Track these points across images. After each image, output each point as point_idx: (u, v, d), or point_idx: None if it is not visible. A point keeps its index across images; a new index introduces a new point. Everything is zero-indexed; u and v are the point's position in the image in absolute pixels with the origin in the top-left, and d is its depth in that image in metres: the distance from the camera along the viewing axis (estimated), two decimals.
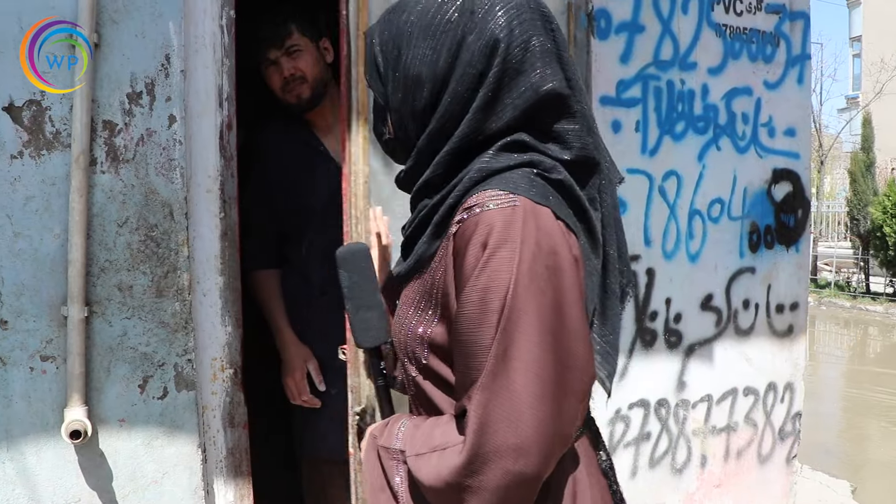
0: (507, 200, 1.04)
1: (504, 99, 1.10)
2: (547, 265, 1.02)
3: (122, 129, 1.80)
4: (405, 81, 1.16)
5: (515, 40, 1.09)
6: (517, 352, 1.00)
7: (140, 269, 1.84)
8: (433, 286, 1.14)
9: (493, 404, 1.00)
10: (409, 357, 1.21)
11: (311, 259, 2.49)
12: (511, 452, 1.00)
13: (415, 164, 1.19)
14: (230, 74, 1.98)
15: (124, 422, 1.84)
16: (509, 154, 1.11)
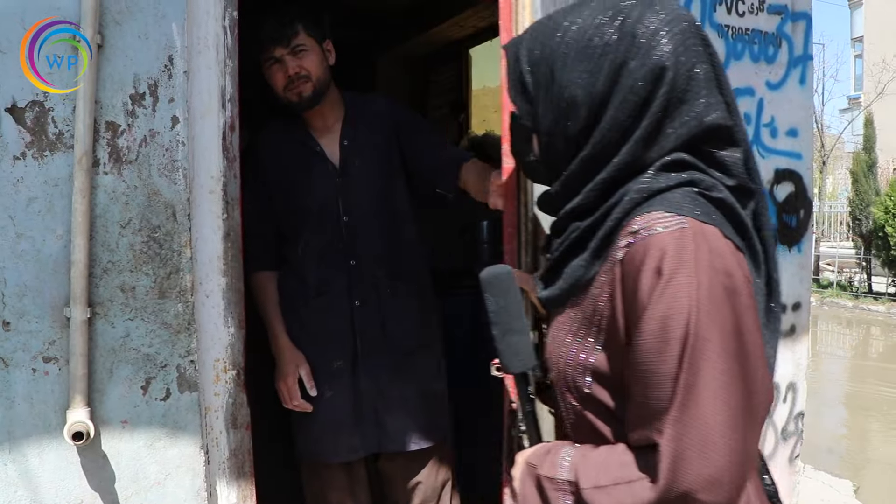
0: (675, 222, 1.02)
1: (666, 129, 1.08)
2: (725, 287, 1.00)
3: (125, 130, 1.80)
4: (558, 104, 1.13)
5: (682, 68, 1.06)
6: (705, 381, 0.98)
7: (143, 270, 1.84)
8: (594, 312, 1.12)
9: (686, 437, 0.98)
10: (568, 386, 1.18)
11: (307, 260, 2.49)
12: (705, 485, 0.98)
13: (563, 189, 1.17)
14: (233, 75, 1.98)
15: (127, 423, 1.84)
16: (668, 174, 1.09)
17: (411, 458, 2.59)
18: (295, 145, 2.49)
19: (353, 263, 2.48)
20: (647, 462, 1.04)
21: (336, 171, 2.47)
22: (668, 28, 1.07)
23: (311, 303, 2.49)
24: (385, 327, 2.50)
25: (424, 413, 2.56)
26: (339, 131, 2.50)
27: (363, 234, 2.48)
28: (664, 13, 1.09)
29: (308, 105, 2.40)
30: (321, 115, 2.48)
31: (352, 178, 2.47)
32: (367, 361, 2.49)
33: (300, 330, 2.51)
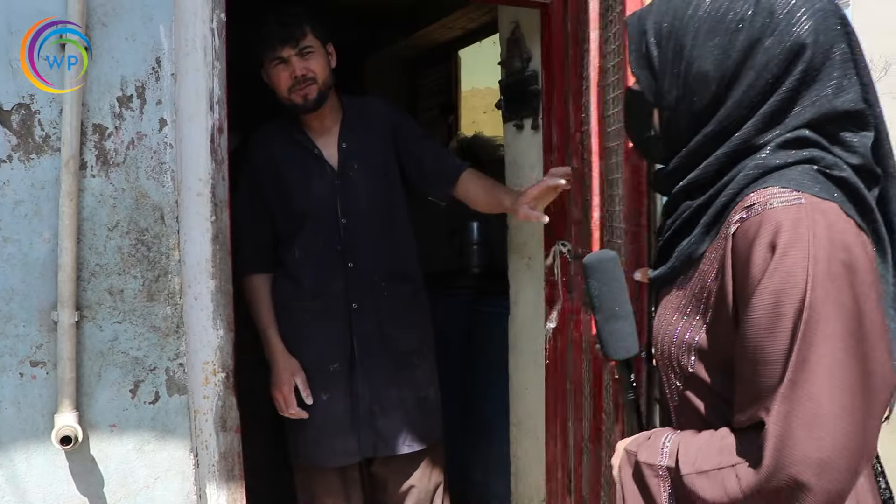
0: (793, 198, 0.98)
1: (794, 107, 1.05)
2: (843, 263, 0.95)
3: (112, 132, 1.79)
4: (686, 80, 1.10)
5: (820, 48, 1.02)
6: (819, 359, 0.93)
7: (131, 273, 1.83)
8: (702, 289, 1.09)
9: (795, 415, 0.94)
10: (672, 366, 1.15)
11: (303, 262, 2.48)
12: (815, 468, 0.93)
13: (680, 165, 1.14)
14: (221, 77, 1.97)
15: (115, 427, 1.83)
16: (787, 151, 1.05)
17: (405, 461, 2.59)
18: (292, 146, 2.49)
19: (351, 266, 2.47)
20: (752, 444, 0.99)
21: (334, 173, 2.46)
22: (807, 6, 1.03)
23: (307, 305, 2.49)
24: (382, 330, 2.50)
25: (419, 416, 2.56)
26: (337, 133, 2.50)
27: (361, 236, 2.48)
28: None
29: (313, 107, 2.40)
30: (320, 118, 2.47)
31: (350, 180, 2.47)
32: (364, 364, 2.49)
33: (296, 333, 2.50)
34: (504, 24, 2.87)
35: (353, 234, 2.47)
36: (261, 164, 2.50)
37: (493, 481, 3.23)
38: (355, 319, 2.48)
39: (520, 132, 2.79)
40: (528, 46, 2.70)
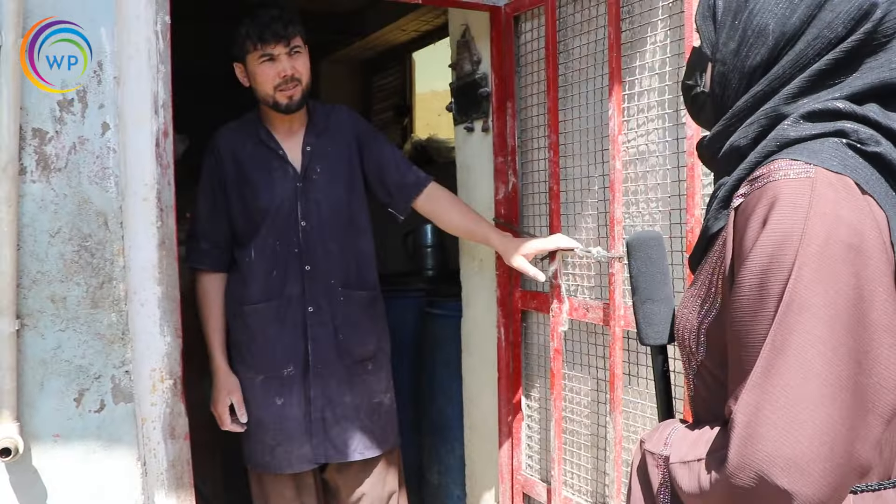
0: (801, 170, 0.89)
1: (845, 73, 0.95)
2: (847, 245, 0.85)
3: (52, 137, 1.76)
4: (744, 32, 1.01)
5: (892, 12, 0.93)
6: (798, 345, 0.84)
7: (74, 279, 1.80)
8: (713, 271, 1.02)
9: (764, 406, 0.85)
10: (687, 354, 1.09)
11: (259, 263, 2.46)
12: (783, 466, 0.83)
13: (724, 128, 1.05)
14: (166, 81, 1.95)
15: (59, 437, 1.79)
16: (812, 123, 0.94)
17: (358, 468, 2.58)
18: (257, 145, 2.48)
19: (309, 269, 2.46)
20: (727, 436, 0.91)
21: (297, 176, 2.45)
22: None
23: (260, 308, 2.47)
24: (337, 335, 2.49)
25: (372, 423, 2.55)
26: (303, 137, 2.49)
27: (320, 240, 2.46)
28: None
29: (294, 109, 2.40)
30: (289, 120, 2.47)
31: (312, 184, 2.46)
32: (318, 369, 2.47)
33: (250, 337, 2.48)
34: (454, 26, 2.87)
35: (312, 238, 2.46)
36: (225, 160, 2.48)
37: (449, 483, 3.23)
38: (311, 324, 2.46)
39: (470, 134, 2.80)
40: (477, 49, 2.71)
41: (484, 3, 2.55)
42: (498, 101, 2.60)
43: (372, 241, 2.61)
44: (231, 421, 2.47)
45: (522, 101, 2.57)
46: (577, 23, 2.29)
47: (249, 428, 2.48)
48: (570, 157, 2.33)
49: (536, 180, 2.53)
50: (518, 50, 2.56)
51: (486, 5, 2.56)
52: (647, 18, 2.05)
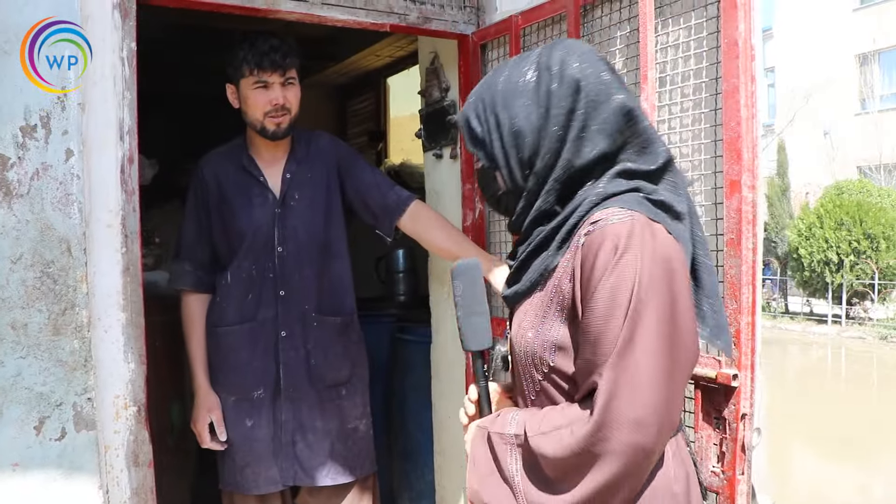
0: (626, 215, 1.22)
1: (592, 126, 1.29)
2: (664, 267, 1.21)
3: (15, 163, 1.76)
4: (508, 138, 1.33)
5: (591, 77, 1.29)
6: (641, 338, 1.17)
7: (35, 306, 1.79)
8: (557, 293, 1.31)
9: (620, 379, 1.17)
10: (534, 362, 1.35)
11: (234, 286, 2.47)
12: (633, 425, 1.16)
13: (526, 203, 1.36)
14: (132, 107, 1.95)
15: (18, 465, 1.77)
16: (619, 181, 1.30)
17: (330, 493, 2.56)
18: (238, 170, 2.50)
19: (283, 294, 2.47)
20: (587, 407, 1.23)
21: (276, 202, 2.47)
22: (574, 55, 1.32)
23: (233, 331, 2.47)
24: (309, 360, 2.49)
25: (345, 449, 2.55)
26: (284, 163, 2.52)
27: (296, 265, 2.48)
28: (563, 45, 1.35)
29: (281, 136, 2.44)
30: (273, 147, 2.49)
31: (290, 210, 2.48)
32: (289, 393, 2.47)
33: (223, 359, 2.49)
34: (423, 54, 2.90)
35: (288, 263, 2.47)
36: (209, 184, 2.51)
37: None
38: (283, 348, 2.47)
39: (439, 161, 2.82)
40: (446, 76, 2.74)
41: (452, 31, 2.58)
42: None
43: (349, 267, 2.62)
44: (210, 439, 2.47)
45: None
46: None
47: (223, 448, 2.49)
48: None
49: None
50: None
51: (454, 34, 2.59)
52: (606, 48, 2.09)
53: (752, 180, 1.68)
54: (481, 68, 2.58)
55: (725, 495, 1.75)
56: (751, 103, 1.68)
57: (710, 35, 1.81)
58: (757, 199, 1.69)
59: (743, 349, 1.72)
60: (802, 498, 5.49)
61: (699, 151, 1.87)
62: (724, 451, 1.75)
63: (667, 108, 1.93)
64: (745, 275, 1.71)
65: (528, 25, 2.34)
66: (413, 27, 2.53)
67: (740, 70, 1.68)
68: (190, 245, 2.52)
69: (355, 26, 2.43)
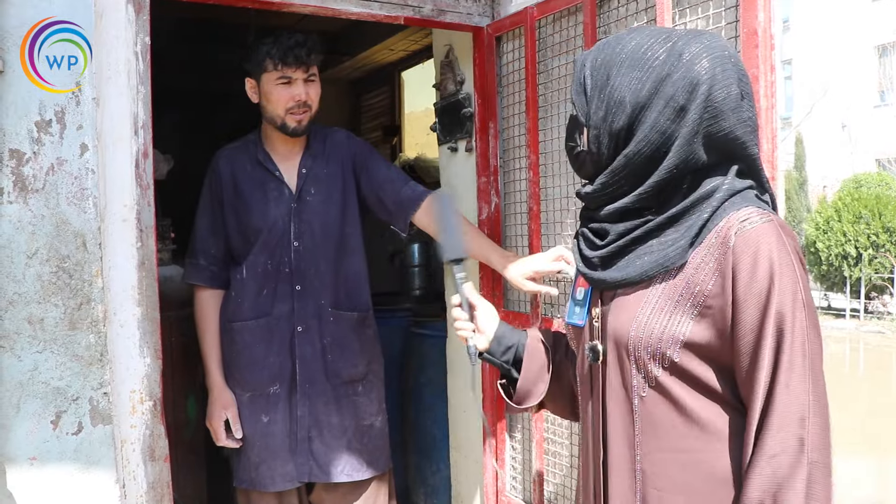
0: (765, 217, 1.26)
1: (702, 138, 1.28)
2: (803, 264, 1.27)
3: (30, 158, 1.76)
4: (609, 102, 1.32)
5: (717, 84, 1.26)
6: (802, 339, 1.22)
7: (51, 301, 1.79)
8: (690, 289, 1.29)
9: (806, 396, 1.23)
10: (654, 357, 1.32)
11: (250, 281, 2.48)
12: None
13: (608, 181, 1.35)
14: (146, 102, 1.95)
15: (35, 460, 1.78)
16: (741, 179, 1.32)
17: (346, 490, 2.57)
18: (255, 166, 2.51)
19: (299, 289, 2.47)
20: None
21: (292, 197, 2.48)
22: (709, 53, 1.28)
23: (249, 326, 2.48)
24: (325, 356, 2.49)
25: (360, 445, 2.54)
26: (300, 159, 2.52)
27: (312, 260, 2.48)
28: (707, 40, 1.31)
29: (301, 133, 2.46)
30: (290, 142, 2.50)
31: (307, 205, 2.49)
32: (305, 389, 2.48)
33: (238, 354, 2.49)
34: (438, 47, 2.89)
35: (304, 258, 2.48)
36: (224, 179, 2.52)
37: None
38: (298, 343, 2.47)
39: (454, 154, 2.81)
40: (461, 69, 2.72)
41: (467, 23, 2.57)
42: (481, 122, 2.61)
43: (364, 263, 2.62)
44: (226, 437, 2.47)
45: (504, 121, 2.58)
46: (556, 43, 2.30)
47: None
48: (550, 178, 2.34)
49: (518, 200, 2.54)
50: (500, 70, 2.57)
51: (469, 26, 2.57)
52: None
53: (772, 171, 1.66)
54: (496, 61, 2.56)
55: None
56: (770, 93, 1.66)
57: (728, 24, 1.78)
58: (776, 191, 1.67)
59: None
60: None
61: None
62: None
63: None
64: None
65: (544, 17, 2.32)
66: (427, 20, 2.51)
67: (760, 59, 1.66)
68: (203, 240, 2.52)
69: (369, 19, 2.42)
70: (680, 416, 1.32)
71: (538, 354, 1.68)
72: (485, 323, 1.72)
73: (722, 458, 1.30)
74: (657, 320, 1.31)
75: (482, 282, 2.64)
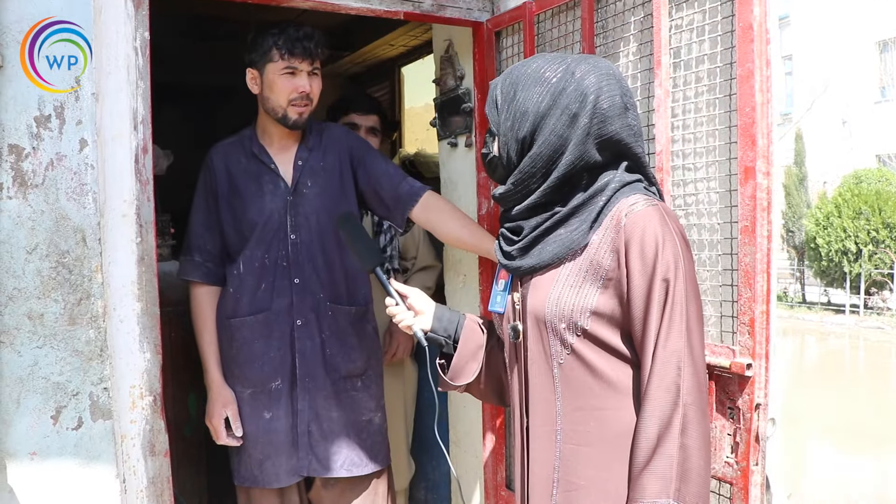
0: (650, 202, 1.50)
1: (593, 139, 1.52)
2: (685, 241, 1.50)
3: (29, 153, 1.76)
4: (515, 114, 1.56)
5: (603, 95, 1.51)
6: (681, 302, 1.45)
7: (51, 296, 1.79)
8: (594, 265, 1.52)
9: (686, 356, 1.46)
10: (569, 327, 1.53)
11: (247, 276, 2.47)
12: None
13: (516, 181, 1.58)
14: (145, 97, 1.95)
15: (36, 454, 1.78)
16: (629, 174, 1.56)
17: (344, 486, 2.56)
18: (250, 159, 2.50)
19: (297, 282, 2.46)
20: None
21: (288, 189, 2.47)
22: (596, 71, 1.53)
23: (248, 321, 2.47)
24: (324, 350, 2.49)
25: (360, 441, 2.54)
26: (295, 152, 2.51)
27: (309, 254, 2.47)
28: (595, 62, 1.57)
29: (300, 126, 2.45)
30: (286, 135, 2.49)
31: (303, 198, 2.47)
32: (305, 383, 2.47)
33: (238, 351, 2.48)
34: (438, 42, 2.89)
35: (302, 252, 2.47)
36: (218, 174, 2.50)
37: (436, 500, 3.21)
38: (298, 336, 2.46)
39: (454, 150, 2.81)
40: (461, 64, 2.72)
41: (466, 18, 2.56)
42: (481, 117, 2.61)
43: None
44: (227, 435, 2.46)
45: None
46: (555, 38, 2.30)
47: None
48: None
49: None
50: (500, 65, 2.57)
51: (469, 21, 2.57)
52: (620, 33, 2.07)
53: (767, 167, 1.67)
54: (496, 56, 2.56)
55: (739, 486, 1.74)
56: (765, 88, 1.67)
57: (724, 19, 1.79)
58: (772, 185, 1.68)
59: (757, 338, 1.71)
60: (819, 490, 5.46)
61: (713, 137, 1.85)
62: (737, 442, 1.74)
63: (681, 92, 1.91)
64: (760, 263, 1.70)
65: (543, 12, 2.31)
66: (427, 15, 2.51)
67: (755, 54, 1.67)
68: (198, 236, 2.51)
69: (369, 14, 2.42)
70: (594, 378, 1.53)
71: (475, 336, 1.86)
72: (420, 304, 1.91)
73: (628, 412, 1.50)
74: (568, 294, 1.54)
75: (482, 278, 2.64)
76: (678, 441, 1.41)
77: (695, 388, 1.44)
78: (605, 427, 1.52)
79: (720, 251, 1.81)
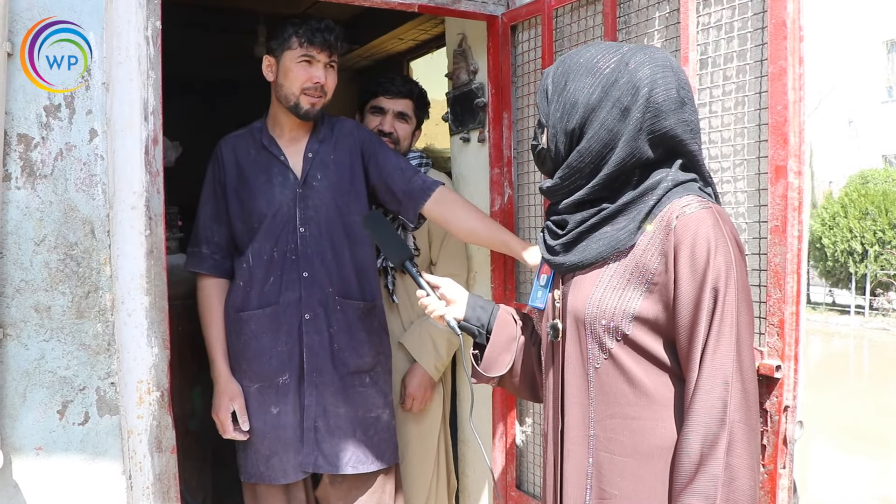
0: (704, 204, 1.42)
1: (646, 135, 1.45)
2: (740, 247, 1.44)
3: (38, 143, 1.73)
4: (565, 105, 1.50)
5: (657, 88, 1.43)
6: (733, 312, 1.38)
7: (59, 289, 1.76)
8: (639, 268, 1.45)
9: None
10: (609, 330, 1.48)
11: (255, 269, 2.44)
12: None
13: (565, 175, 1.52)
14: (156, 87, 1.92)
15: (41, 450, 1.76)
16: (683, 172, 1.49)
17: (351, 484, 2.53)
18: (259, 150, 2.48)
19: (306, 276, 2.43)
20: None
21: (297, 182, 2.44)
22: (651, 62, 1.46)
23: (257, 315, 2.44)
24: (332, 344, 2.46)
25: (368, 437, 2.51)
26: (305, 144, 2.49)
27: (318, 247, 2.44)
28: (651, 52, 1.49)
29: (312, 117, 2.44)
30: (296, 127, 2.47)
31: (313, 190, 2.45)
32: (312, 378, 2.44)
33: (246, 345, 2.45)
34: (451, 35, 2.85)
35: (311, 245, 2.44)
36: (227, 166, 2.48)
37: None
38: (306, 331, 2.44)
39: (466, 145, 2.78)
40: (474, 59, 2.69)
41: (481, 12, 2.53)
42: (494, 112, 2.58)
43: (372, 254, 2.58)
44: (233, 429, 2.44)
45: (519, 112, 2.54)
46: (574, 33, 2.26)
47: (246, 438, 2.45)
48: None
49: (532, 192, 2.51)
50: (515, 60, 2.53)
51: (484, 14, 2.54)
52: (644, 29, 2.03)
53: (799, 165, 1.63)
54: (511, 50, 2.52)
55: (766, 489, 1.70)
56: (798, 86, 1.63)
57: (755, 15, 1.75)
58: (803, 185, 1.64)
59: (786, 339, 1.68)
60: (823, 491, 5.43)
61: (742, 136, 1.81)
62: (765, 444, 1.70)
63: (708, 90, 1.87)
64: (791, 263, 1.66)
65: (561, 6, 2.28)
66: (442, 7, 2.48)
67: (788, 51, 1.63)
68: (206, 227, 2.49)
69: (383, 6, 2.38)
70: (630, 386, 1.47)
71: (508, 327, 1.83)
72: (452, 293, 1.88)
73: (667, 426, 1.44)
74: (611, 296, 1.48)
75: (494, 274, 2.61)
76: (724, 460, 1.34)
77: (743, 404, 1.36)
78: (640, 438, 1.46)
79: (748, 251, 1.77)
